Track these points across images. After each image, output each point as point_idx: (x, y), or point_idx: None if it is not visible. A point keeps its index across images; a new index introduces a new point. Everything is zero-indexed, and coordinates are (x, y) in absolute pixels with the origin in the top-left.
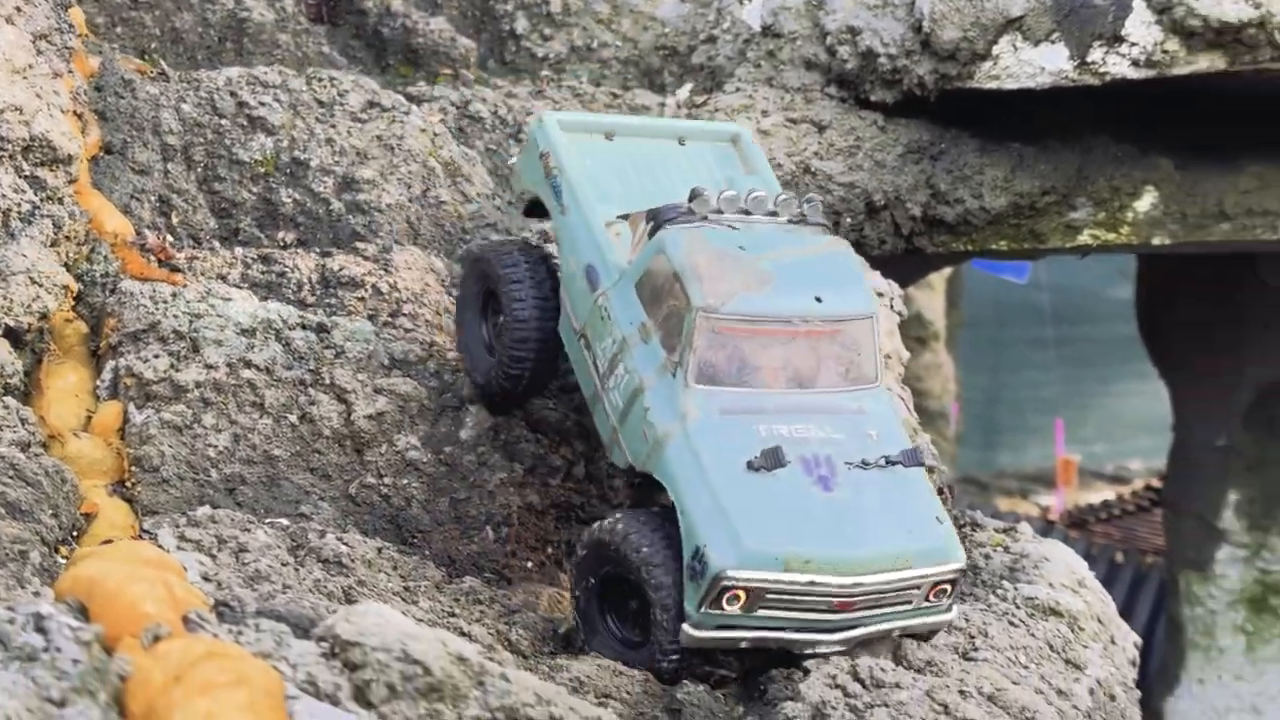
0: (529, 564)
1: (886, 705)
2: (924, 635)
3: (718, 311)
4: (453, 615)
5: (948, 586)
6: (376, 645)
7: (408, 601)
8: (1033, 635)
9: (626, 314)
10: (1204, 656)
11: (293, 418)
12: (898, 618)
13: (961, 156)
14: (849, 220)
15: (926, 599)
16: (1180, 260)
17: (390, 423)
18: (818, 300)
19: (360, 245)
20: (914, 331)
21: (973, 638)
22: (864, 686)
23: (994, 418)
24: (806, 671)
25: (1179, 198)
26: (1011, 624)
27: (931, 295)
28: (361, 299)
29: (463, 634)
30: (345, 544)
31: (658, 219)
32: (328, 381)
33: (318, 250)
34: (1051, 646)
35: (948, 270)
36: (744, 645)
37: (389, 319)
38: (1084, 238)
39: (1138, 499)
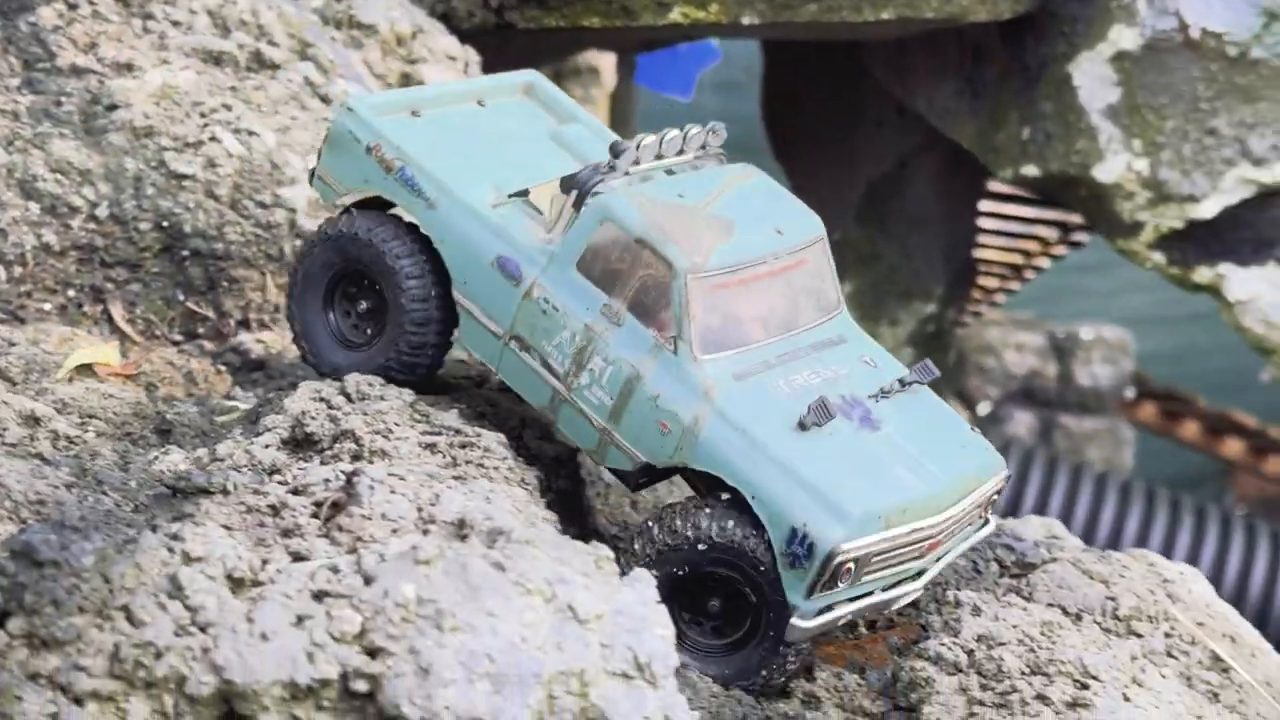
0: (46, 306)
1: (365, 414)
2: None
3: (705, 269)
4: None
5: (996, 497)
6: None
7: None
8: None
9: (579, 300)
10: None
11: None
12: (961, 542)
13: None
14: None
15: (979, 514)
16: (798, 55)
17: None
18: (779, 233)
19: None
20: None
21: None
22: (348, 399)
23: None
24: (295, 386)
25: None
26: None
27: (594, 110)
28: None
29: None
30: None
31: (580, 186)
32: None
33: None
34: None
35: (610, 85)
36: (840, 624)
37: None
38: (674, 15)
39: None
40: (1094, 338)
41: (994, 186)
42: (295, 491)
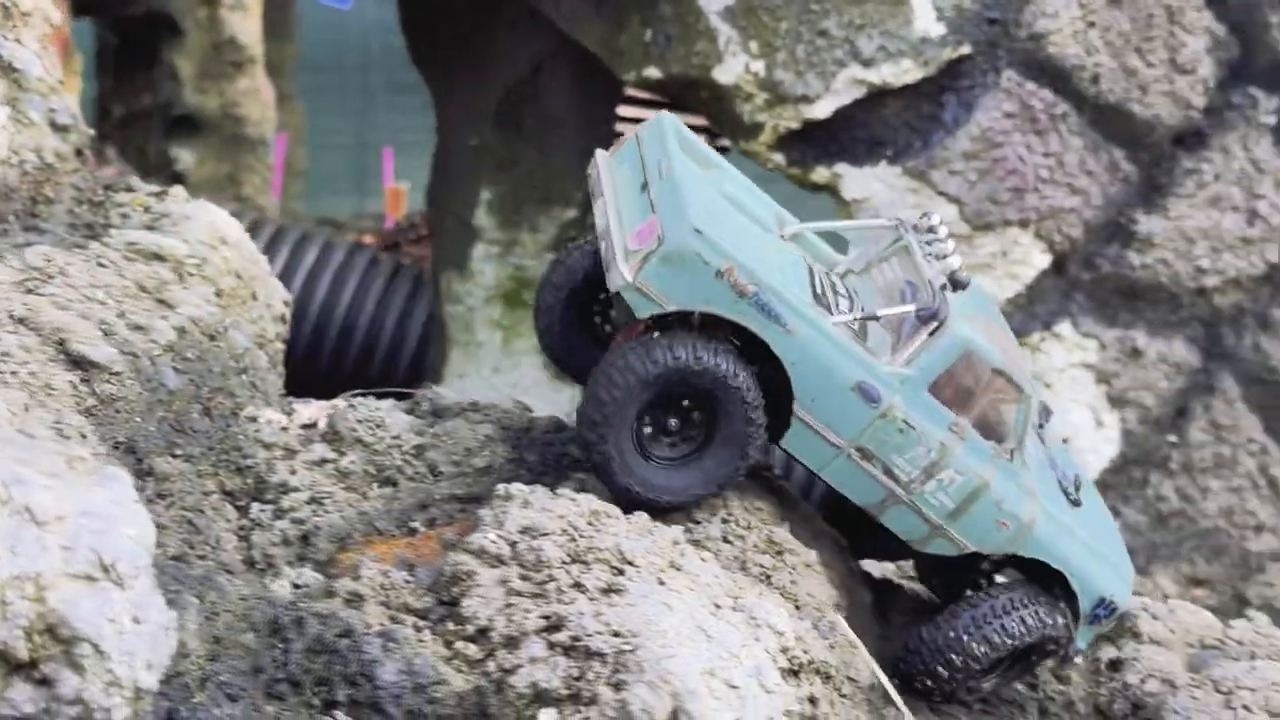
0: None
1: None
2: None
3: (1032, 393)
4: None
5: None
6: None
7: None
8: (121, 276)
9: (931, 419)
10: (464, 352)
11: None
12: None
13: None
14: None
15: None
16: None
17: None
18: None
19: None
20: (228, 56)
21: (50, 276)
22: None
23: (361, 161)
24: None
25: None
26: (100, 265)
27: (245, 17)
28: None
29: None
30: None
31: (935, 316)
32: None
33: None
34: (142, 287)
35: None
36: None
37: None
38: None
39: None
40: None
41: (634, 91)
42: None
